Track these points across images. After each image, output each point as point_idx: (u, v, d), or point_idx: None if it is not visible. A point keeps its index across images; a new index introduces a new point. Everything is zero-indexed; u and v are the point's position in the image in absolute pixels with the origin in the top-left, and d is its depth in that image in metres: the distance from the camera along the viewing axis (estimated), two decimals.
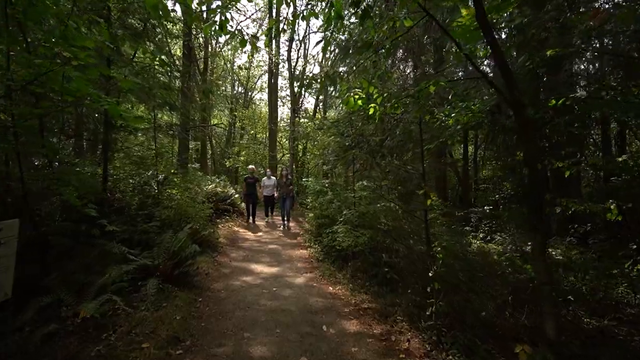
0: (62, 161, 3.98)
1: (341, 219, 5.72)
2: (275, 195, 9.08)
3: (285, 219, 8.99)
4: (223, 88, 25.11)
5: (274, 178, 9.42)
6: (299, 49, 20.17)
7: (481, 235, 7.96)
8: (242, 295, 4.26)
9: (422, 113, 4.15)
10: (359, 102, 4.19)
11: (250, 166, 10.56)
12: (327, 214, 6.28)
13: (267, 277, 5.20)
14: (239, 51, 22.28)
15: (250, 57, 19.28)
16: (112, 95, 4.37)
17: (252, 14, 19.71)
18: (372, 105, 4.30)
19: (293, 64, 17.30)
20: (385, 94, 3.83)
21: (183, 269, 4.05)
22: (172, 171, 7.35)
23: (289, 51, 15.91)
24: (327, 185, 6.81)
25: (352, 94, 4.17)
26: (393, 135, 5.75)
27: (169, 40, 7.69)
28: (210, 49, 19.32)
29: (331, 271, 5.51)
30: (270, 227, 9.47)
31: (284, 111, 23.64)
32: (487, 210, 8.19)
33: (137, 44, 4.98)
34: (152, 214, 5.25)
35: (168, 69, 5.88)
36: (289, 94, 22.10)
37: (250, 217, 9.75)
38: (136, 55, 6.40)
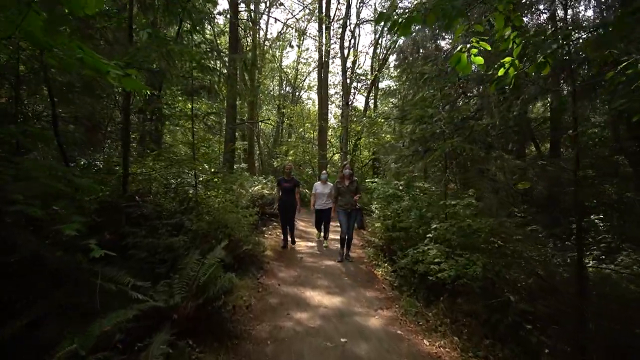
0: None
1: (429, 235, 4.11)
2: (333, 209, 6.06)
3: (346, 245, 5.87)
4: (271, 87, 24.60)
5: (330, 184, 6.47)
6: (350, 39, 18.73)
7: (595, 254, 5.84)
8: (298, 352, 2.85)
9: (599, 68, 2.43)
10: (476, 59, 2.62)
11: (287, 163, 6.70)
12: (405, 225, 4.70)
13: (329, 313, 3.76)
14: (286, 51, 21.50)
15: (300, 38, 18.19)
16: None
17: None
18: (507, 60, 2.68)
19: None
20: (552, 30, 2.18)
21: (212, 309, 2.76)
22: (212, 170, 6.27)
23: (342, 39, 14.48)
24: (401, 188, 5.24)
25: (468, 46, 2.62)
26: (505, 116, 4.00)
27: (211, 12, 6.65)
28: (258, 48, 18.66)
29: (417, 308, 3.92)
30: (322, 253, 6.31)
31: (331, 109, 22.34)
32: (597, 222, 6.01)
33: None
34: (182, 224, 4.08)
35: (205, 47, 4.74)
36: (340, 90, 20.74)
37: (288, 240, 6.62)
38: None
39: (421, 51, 6.24)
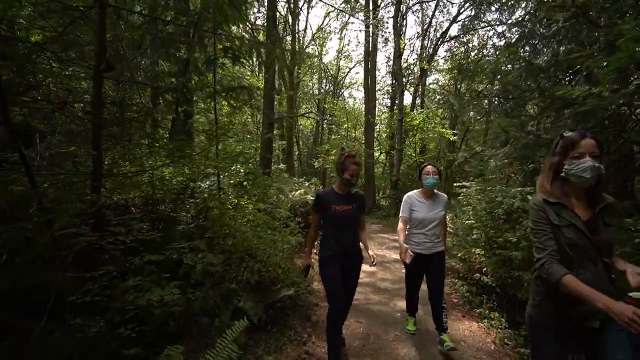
0: None
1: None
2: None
3: None
4: (310, 84, 23.13)
5: (444, 196, 2.83)
6: (400, 25, 16.60)
7: None
8: None
9: None
10: None
11: (348, 151, 2.35)
12: None
13: None
14: (327, 47, 19.85)
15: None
16: None
17: None
18: None
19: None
20: None
21: None
22: (242, 170, 4.66)
23: (395, 18, 12.45)
24: (519, 196, 3.19)
25: None
26: None
27: None
28: (297, 43, 17.21)
29: None
30: None
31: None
32: None
33: None
34: (179, 260, 2.45)
35: None
36: (385, 86, 18.58)
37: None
38: None
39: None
